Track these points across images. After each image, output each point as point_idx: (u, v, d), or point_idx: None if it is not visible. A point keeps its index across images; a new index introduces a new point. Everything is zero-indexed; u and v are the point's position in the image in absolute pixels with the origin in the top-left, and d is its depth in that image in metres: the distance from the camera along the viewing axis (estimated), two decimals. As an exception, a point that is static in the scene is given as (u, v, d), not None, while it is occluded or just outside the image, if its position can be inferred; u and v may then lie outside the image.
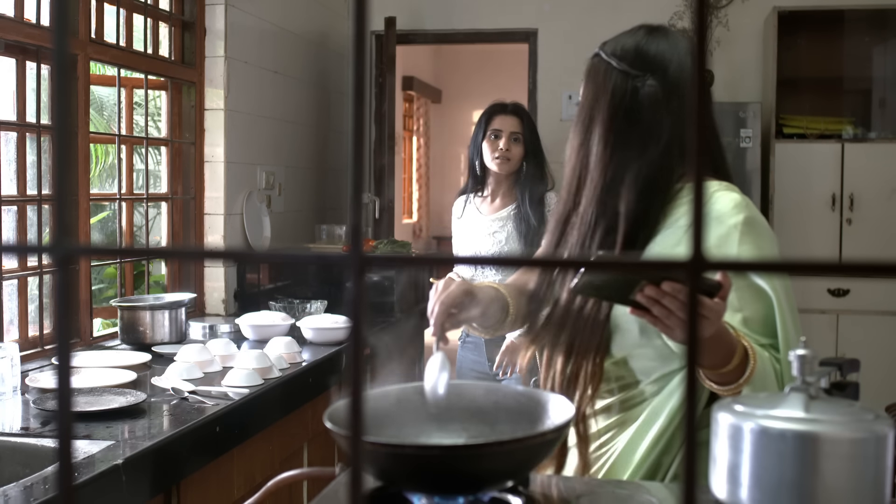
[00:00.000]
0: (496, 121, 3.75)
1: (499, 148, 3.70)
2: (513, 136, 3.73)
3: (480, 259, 0.49)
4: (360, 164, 0.48)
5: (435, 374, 1.45)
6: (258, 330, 3.49)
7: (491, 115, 3.77)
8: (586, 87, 1.81)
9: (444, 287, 1.61)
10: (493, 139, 3.72)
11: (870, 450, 1.13)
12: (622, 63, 1.76)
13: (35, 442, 2.15)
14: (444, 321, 1.60)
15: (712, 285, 1.41)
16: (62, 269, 0.48)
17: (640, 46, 1.77)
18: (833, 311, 5.20)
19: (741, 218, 1.67)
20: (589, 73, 1.82)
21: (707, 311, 1.42)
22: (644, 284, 1.41)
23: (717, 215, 1.67)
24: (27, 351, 3.03)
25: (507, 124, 3.74)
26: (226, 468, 2.56)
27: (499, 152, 3.71)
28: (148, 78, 3.83)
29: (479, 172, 3.80)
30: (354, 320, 0.47)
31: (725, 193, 1.71)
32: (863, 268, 0.44)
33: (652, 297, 1.42)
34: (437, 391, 1.44)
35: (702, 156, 0.46)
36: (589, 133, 1.78)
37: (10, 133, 3.09)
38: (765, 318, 1.66)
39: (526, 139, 3.75)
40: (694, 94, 0.46)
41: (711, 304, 1.42)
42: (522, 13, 5.73)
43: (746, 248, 1.66)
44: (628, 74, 1.75)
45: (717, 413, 1.22)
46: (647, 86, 1.73)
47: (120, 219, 3.83)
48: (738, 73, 5.56)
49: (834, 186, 5.24)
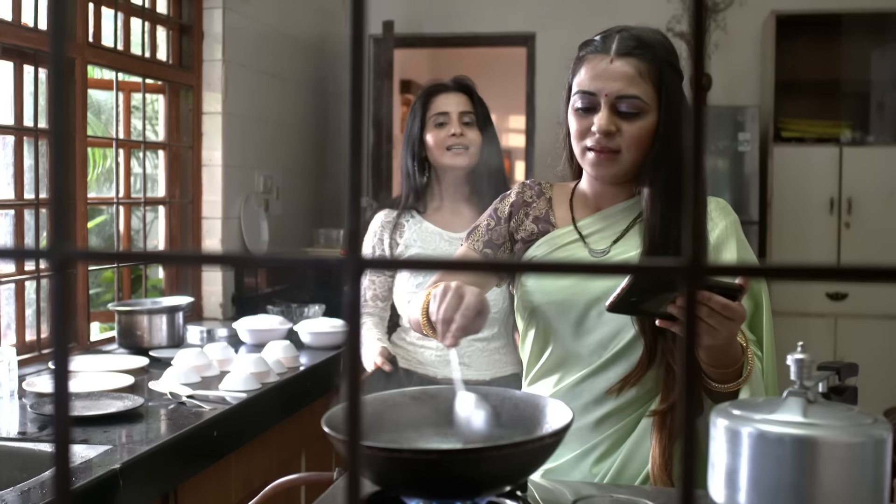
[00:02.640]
0: (438, 102, 2.83)
1: (451, 134, 2.77)
2: (463, 117, 2.81)
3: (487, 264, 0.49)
4: (358, 167, 0.48)
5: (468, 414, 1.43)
6: (256, 334, 3.49)
7: (429, 97, 2.85)
8: (675, 105, 1.70)
9: (456, 294, 1.50)
10: (438, 126, 2.80)
11: (868, 454, 1.13)
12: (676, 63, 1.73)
13: (32, 446, 2.15)
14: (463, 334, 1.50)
15: (735, 288, 1.42)
16: (59, 273, 0.48)
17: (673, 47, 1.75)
18: (831, 314, 5.20)
19: (732, 218, 1.77)
20: (676, 90, 1.71)
21: (732, 313, 1.43)
22: (676, 296, 1.42)
23: (714, 216, 1.75)
24: (24, 355, 3.02)
25: (452, 104, 2.82)
26: (223, 473, 2.55)
27: (452, 139, 2.77)
28: (146, 81, 3.83)
29: (421, 177, 2.84)
30: (351, 324, 0.47)
31: (711, 198, 1.78)
32: (860, 273, 0.44)
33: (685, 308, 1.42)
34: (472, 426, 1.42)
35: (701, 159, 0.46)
36: (671, 141, 1.70)
37: (8, 137, 3.09)
38: (751, 315, 1.71)
39: (480, 122, 2.84)
40: (693, 97, 0.46)
41: (736, 307, 1.44)
42: (520, 17, 5.74)
43: (741, 245, 1.74)
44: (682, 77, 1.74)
45: (715, 417, 1.22)
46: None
47: (117, 223, 3.82)
48: (736, 77, 5.56)
49: (832, 190, 5.25)
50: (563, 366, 1.77)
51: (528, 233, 1.84)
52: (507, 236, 1.87)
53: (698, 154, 0.45)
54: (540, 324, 1.79)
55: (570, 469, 1.75)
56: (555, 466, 1.76)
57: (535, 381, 1.83)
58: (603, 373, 1.74)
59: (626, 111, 1.69)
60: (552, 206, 1.86)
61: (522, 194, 1.88)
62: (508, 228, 1.86)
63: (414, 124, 2.83)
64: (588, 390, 1.75)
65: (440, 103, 2.81)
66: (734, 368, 1.58)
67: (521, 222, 1.85)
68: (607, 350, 1.74)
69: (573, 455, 1.75)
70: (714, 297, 1.42)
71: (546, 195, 1.87)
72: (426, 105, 2.82)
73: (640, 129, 1.69)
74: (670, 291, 1.44)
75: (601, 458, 1.74)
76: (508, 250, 1.86)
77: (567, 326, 1.75)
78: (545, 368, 1.81)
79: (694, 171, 0.45)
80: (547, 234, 1.83)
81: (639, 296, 1.46)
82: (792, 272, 0.45)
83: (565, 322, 1.75)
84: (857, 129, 5.43)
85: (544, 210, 1.85)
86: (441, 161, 2.78)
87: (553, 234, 1.82)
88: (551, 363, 1.79)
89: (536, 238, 1.83)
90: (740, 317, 1.45)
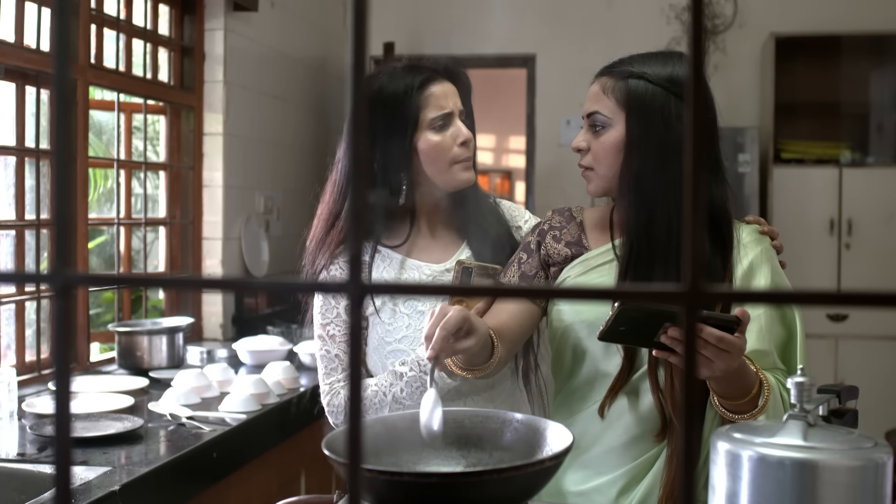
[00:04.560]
0: (435, 95, 1.98)
1: (460, 142, 1.98)
2: (461, 116, 2.02)
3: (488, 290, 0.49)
4: (360, 191, 0.48)
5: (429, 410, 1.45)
6: (256, 355, 3.48)
7: (421, 89, 1.97)
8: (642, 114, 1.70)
9: (440, 313, 1.57)
10: (439, 130, 1.98)
11: (868, 477, 1.13)
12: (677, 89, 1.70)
13: (31, 468, 2.14)
14: (443, 347, 1.56)
15: (732, 321, 1.42)
16: (62, 297, 0.48)
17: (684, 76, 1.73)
18: (832, 335, 5.19)
19: (766, 245, 1.78)
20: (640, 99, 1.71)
21: (729, 346, 1.43)
22: (668, 326, 1.42)
23: (747, 242, 1.76)
24: (24, 376, 3.02)
25: (451, 98, 2.01)
26: (223, 494, 2.55)
27: (462, 150, 1.98)
28: (147, 103, 3.84)
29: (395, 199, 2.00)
30: (352, 349, 0.47)
31: (742, 223, 1.81)
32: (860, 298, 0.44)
33: (676, 339, 1.44)
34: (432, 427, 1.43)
35: (700, 174, 0.46)
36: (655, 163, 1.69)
37: (10, 157, 3.10)
38: (783, 344, 1.73)
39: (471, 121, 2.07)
40: (690, 119, 0.46)
41: (733, 340, 1.43)
42: (521, 38, 5.76)
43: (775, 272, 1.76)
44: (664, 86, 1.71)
45: (716, 441, 1.22)
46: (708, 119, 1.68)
47: (118, 243, 3.83)
48: (735, 98, 5.58)
49: (832, 211, 5.25)
50: (594, 385, 1.77)
51: (561, 257, 1.85)
52: (539, 266, 1.88)
53: (696, 179, 0.45)
54: (570, 343, 1.79)
55: (598, 495, 1.74)
56: (584, 490, 1.75)
57: (565, 400, 1.83)
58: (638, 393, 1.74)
59: (595, 128, 1.76)
60: (584, 230, 1.87)
61: (550, 221, 1.91)
62: (539, 258, 1.88)
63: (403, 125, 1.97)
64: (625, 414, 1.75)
65: (439, 98, 1.98)
66: (748, 399, 1.57)
67: (552, 248, 1.87)
68: (637, 370, 1.74)
69: (604, 481, 1.74)
70: (706, 329, 1.42)
71: (577, 219, 1.89)
72: (420, 100, 1.97)
73: (605, 142, 1.74)
74: (661, 321, 1.44)
75: (628, 487, 1.73)
76: (543, 279, 1.87)
77: (598, 346, 1.75)
78: (574, 387, 1.81)
79: (693, 197, 0.45)
80: (580, 255, 1.84)
81: (627, 325, 1.46)
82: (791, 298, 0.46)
83: (596, 341, 1.75)
84: (856, 151, 5.44)
85: (576, 234, 1.87)
86: (440, 177, 1.99)
87: (587, 255, 1.83)
88: (581, 382, 1.79)
89: (571, 260, 1.84)
90: (737, 349, 1.45)
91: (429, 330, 1.56)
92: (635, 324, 1.45)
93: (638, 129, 1.70)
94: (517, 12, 5.76)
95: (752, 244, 1.76)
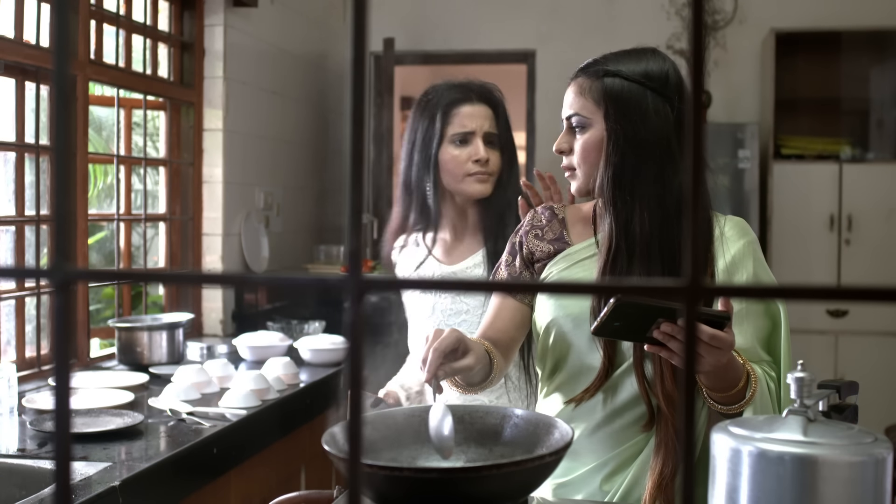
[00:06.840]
0: (461, 114, 2.37)
1: (475, 159, 2.36)
2: (487, 137, 2.39)
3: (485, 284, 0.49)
4: (359, 185, 0.48)
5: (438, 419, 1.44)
6: (256, 351, 3.48)
7: (451, 107, 2.38)
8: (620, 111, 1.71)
9: (435, 335, 1.58)
10: (459, 145, 2.36)
11: (869, 473, 1.13)
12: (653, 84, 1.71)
13: (31, 463, 2.14)
14: (438, 368, 1.55)
15: (722, 316, 1.43)
16: (61, 293, 0.48)
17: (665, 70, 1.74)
18: (832, 331, 5.19)
19: (750, 238, 1.77)
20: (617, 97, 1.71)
21: (719, 342, 1.44)
22: (660, 322, 1.43)
23: (730, 235, 1.75)
24: (24, 371, 3.02)
25: (477, 119, 2.38)
26: (223, 490, 2.55)
27: (475, 166, 2.36)
28: (147, 98, 3.84)
29: (432, 200, 2.39)
30: (353, 344, 0.47)
31: (730, 216, 1.79)
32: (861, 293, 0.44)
33: (668, 334, 1.44)
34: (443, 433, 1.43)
35: (700, 173, 0.46)
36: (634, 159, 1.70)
37: (9, 153, 3.10)
38: (768, 335, 1.73)
39: (502, 142, 2.44)
40: (691, 115, 0.46)
41: (723, 336, 1.45)
42: (520, 34, 5.76)
43: (759, 265, 1.75)
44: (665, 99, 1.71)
45: (716, 436, 1.22)
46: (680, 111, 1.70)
47: (118, 239, 3.83)
48: (735, 94, 5.58)
49: (832, 207, 5.25)
50: (579, 379, 1.78)
51: (544, 253, 1.86)
52: (523, 265, 1.89)
53: (697, 174, 0.45)
54: (556, 336, 1.79)
55: (581, 484, 1.75)
56: (567, 481, 1.76)
57: (550, 394, 1.83)
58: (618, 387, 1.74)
59: (575, 129, 1.78)
60: (566, 226, 1.88)
61: (531, 221, 1.92)
62: (523, 257, 1.89)
63: (430, 139, 2.37)
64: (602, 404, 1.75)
65: (464, 117, 2.36)
66: (736, 391, 1.58)
67: (535, 246, 1.88)
68: (618, 367, 1.74)
69: (586, 470, 1.75)
70: (699, 327, 1.42)
71: (559, 216, 1.90)
72: (447, 116, 2.36)
73: (585, 141, 1.76)
74: (656, 316, 1.44)
75: (612, 475, 1.74)
76: (528, 277, 1.89)
77: (582, 339, 1.75)
78: (560, 381, 1.81)
79: (693, 192, 0.45)
80: (563, 251, 1.84)
81: (622, 320, 1.46)
82: (792, 293, 0.46)
83: (581, 335, 1.75)
84: (856, 147, 5.43)
85: (559, 230, 1.88)
86: (455, 186, 2.37)
87: (570, 249, 1.84)
88: (567, 376, 1.80)
89: (554, 256, 1.85)
90: (727, 345, 1.46)
91: (424, 353, 1.57)
92: (630, 319, 1.45)
93: (616, 125, 1.71)
94: (517, 8, 5.76)
95: (735, 237, 1.75)
